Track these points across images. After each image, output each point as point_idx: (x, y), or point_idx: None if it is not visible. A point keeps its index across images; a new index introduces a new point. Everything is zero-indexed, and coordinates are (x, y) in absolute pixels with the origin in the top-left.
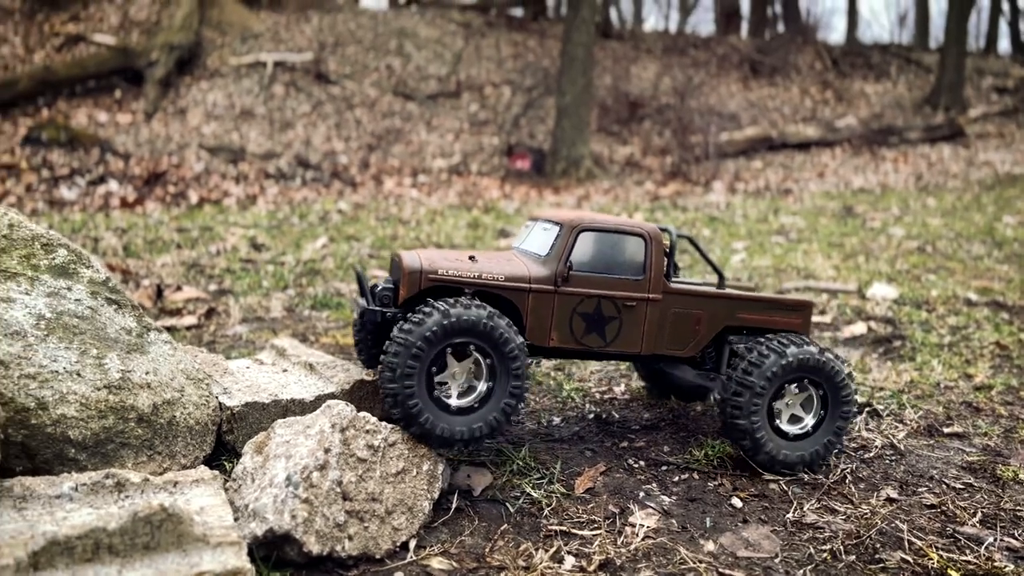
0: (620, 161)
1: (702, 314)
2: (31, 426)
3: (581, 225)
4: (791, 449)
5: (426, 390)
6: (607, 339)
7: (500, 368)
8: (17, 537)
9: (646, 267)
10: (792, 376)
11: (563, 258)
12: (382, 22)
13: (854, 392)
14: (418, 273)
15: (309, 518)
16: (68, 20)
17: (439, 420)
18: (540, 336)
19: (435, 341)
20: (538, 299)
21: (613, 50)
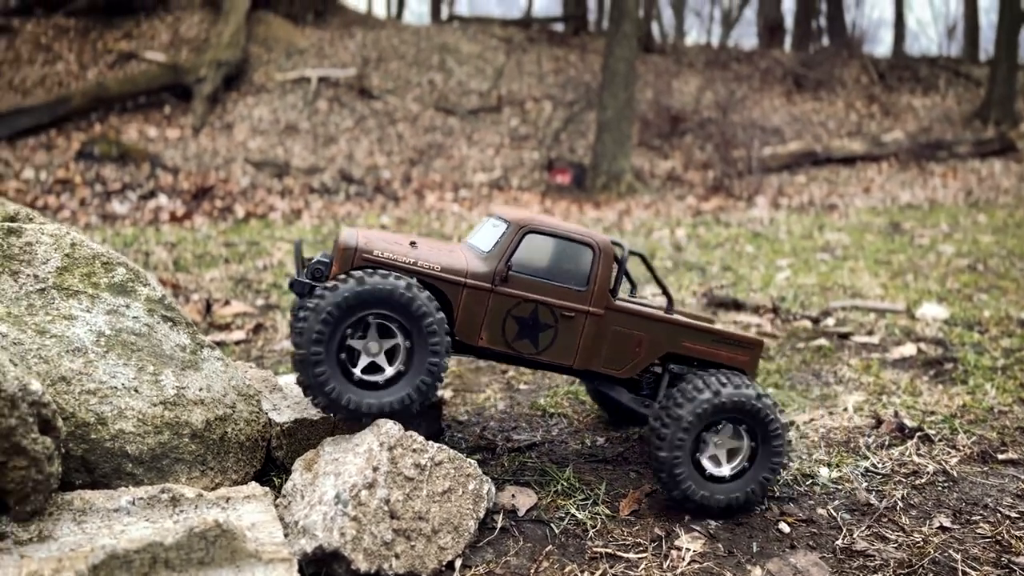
0: (661, 175)
1: (644, 337)
2: (91, 440)
3: (528, 226)
4: (710, 491)
5: (336, 360)
6: (539, 347)
7: (418, 344)
8: (77, 550)
9: (590, 279)
10: (724, 416)
11: (504, 257)
12: (424, 37)
13: (787, 443)
14: (352, 250)
15: (358, 536)
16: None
17: (346, 391)
18: (469, 333)
19: (347, 308)
20: (472, 295)
21: (655, 64)
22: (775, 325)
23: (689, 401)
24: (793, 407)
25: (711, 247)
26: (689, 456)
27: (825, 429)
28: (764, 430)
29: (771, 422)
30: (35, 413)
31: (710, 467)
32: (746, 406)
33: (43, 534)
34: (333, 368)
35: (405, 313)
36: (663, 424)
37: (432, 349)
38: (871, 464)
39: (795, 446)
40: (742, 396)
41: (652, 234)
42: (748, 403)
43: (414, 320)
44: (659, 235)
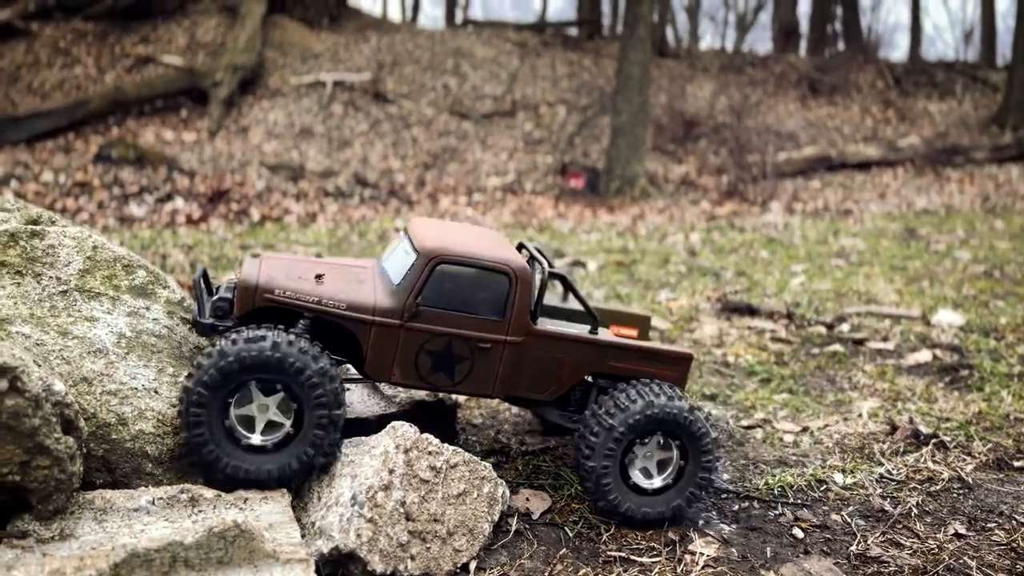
0: (675, 180)
1: (566, 359)
2: (111, 441)
3: (439, 257)
4: (636, 503)
5: (223, 433)
6: (455, 379)
7: (303, 398)
8: (98, 549)
9: (507, 307)
10: (655, 428)
11: (414, 292)
12: (439, 42)
13: (716, 459)
14: (252, 290)
15: (373, 537)
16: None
17: (243, 462)
18: (381, 371)
19: (217, 386)
20: (381, 333)
21: (669, 69)
22: (789, 331)
23: (621, 411)
24: (807, 413)
25: (725, 252)
26: (617, 467)
27: (839, 435)
28: (694, 444)
29: (702, 436)
30: (58, 413)
31: (638, 479)
32: (678, 419)
33: (65, 533)
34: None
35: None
36: (593, 433)
37: (317, 401)
38: (886, 470)
39: (808, 452)
40: (674, 408)
41: (666, 239)
42: (680, 416)
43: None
44: (673, 240)
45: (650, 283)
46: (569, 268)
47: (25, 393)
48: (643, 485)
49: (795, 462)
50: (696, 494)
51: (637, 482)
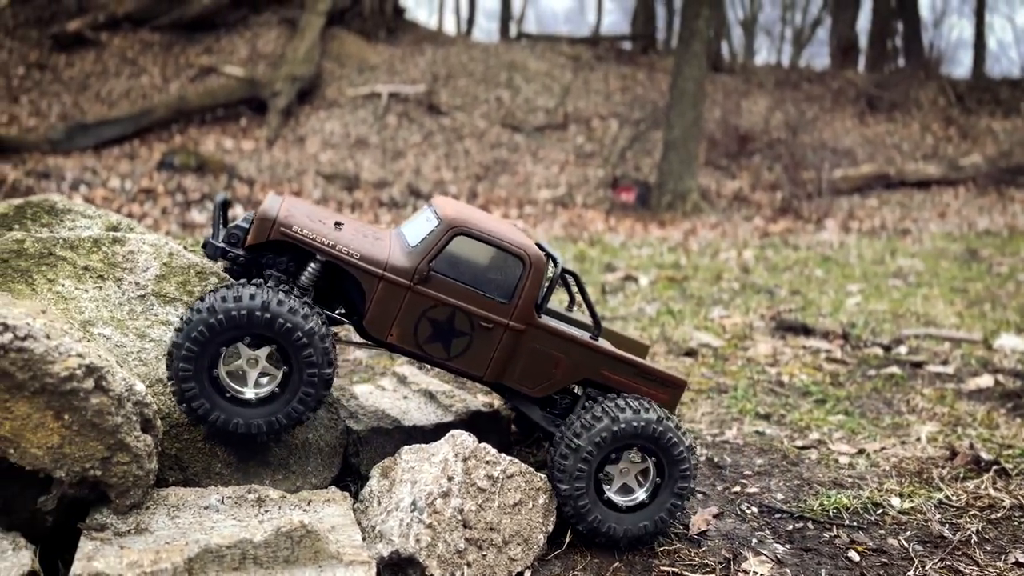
0: (728, 195)
1: (562, 359)
2: (184, 440)
3: (460, 228)
4: (618, 522)
5: (212, 388)
6: (451, 353)
7: (293, 356)
8: (172, 543)
9: (516, 292)
10: (625, 443)
11: (428, 256)
12: (493, 55)
13: (693, 468)
14: (270, 222)
15: (432, 543)
16: (202, 53)
17: (233, 416)
18: (379, 328)
19: (207, 341)
20: (388, 290)
21: (723, 84)
22: (845, 351)
23: (587, 430)
24: (864, 435)
25: (779, 270)
26: (592, 487)
27: (897, 458)
28: (668, 455)
29: (674, 446)
30: (138, 412)
31: (616, 497)
32: (646, 431)
33: (140, 527)
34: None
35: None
36: (562, 456)
37: (306, 360)
38: (945, 496)
39: (865, 474)
40: (641, 421)
41: (718, 255)
42: (648, 428)
43: (281, 336)
44: (726, 256)
45: (702, 299)
46: (621, 282)
47: (109, 392)
48: (622, 503)
49: (851, 484)
50: (677, 504)
51: (615, 500)
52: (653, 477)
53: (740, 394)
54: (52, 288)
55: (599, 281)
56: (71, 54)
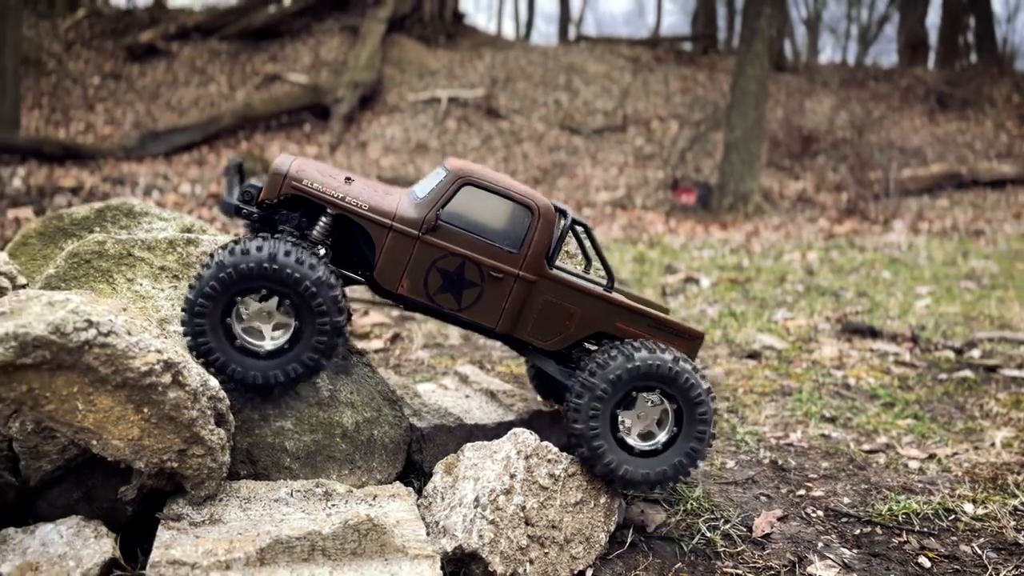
0: (791, 197)
1: (576, 311)
2: (255, 435)
3: (467, 177)
4: (635, 465)
5: (227, 341)
6: (461, 304)
7: (303, 307)
8: (245, 534)
9: (525, 242)
10: (640, 384)
11: (436, 205)
12: (551, 58)
13: (712, 411)
14: (282, 177)
15: (495, 539)
16: (267, 61)
17: (250, 368)
18: (390, 279)
19: (219, 295)
20: (397, 240)
21: (786, 83)
22: (914, 354)
23: (602, 368)
24: (934, 439)
25: (845, 272)
26: (608, 428)
27: (970, 464)
28: (685, 397)
29: (691, 387)
30: (213, 407)
31: (632, 440)
32: (662, 371)
33: (214, 517)
34: (227, 350)
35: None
36: (577, 395)
37: (318, 310)
38: (1021, 502)
39: (936, 479)
40: (657, 360)
41: (782, 257)
42: (664, 368)
43: (289, 286)
44: (790, 258)
45: (765, 301)
46: (682, 284)
47: (186, 387)
48: (639, 447)
49: (921, 489)
50: (696, 450)
51: (632, 444)
52: (671, 421)
53: (805, 397)
54: (131, 287)
55: (659, 283)
56: (143, 64)
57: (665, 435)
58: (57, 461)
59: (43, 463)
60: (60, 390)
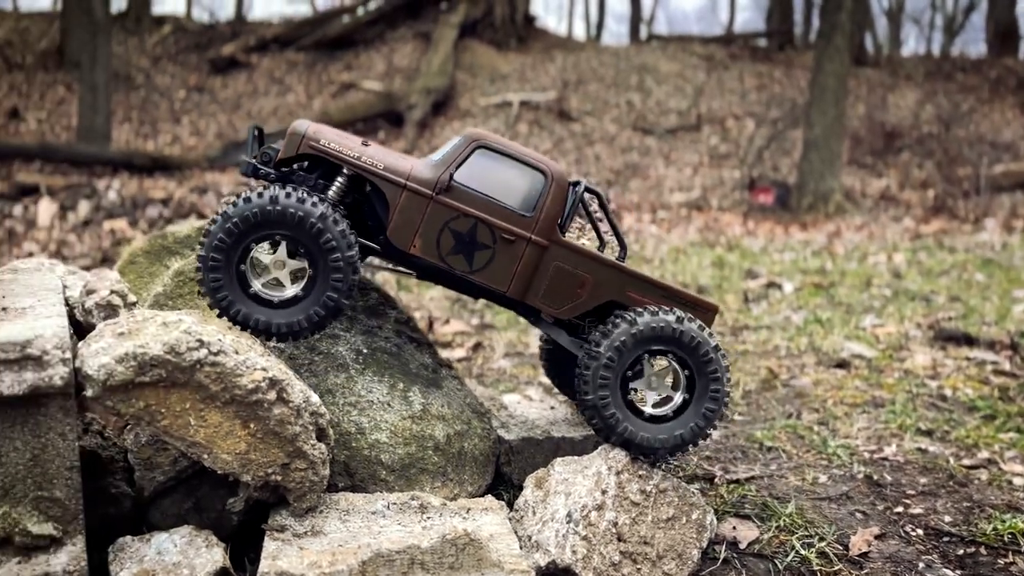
0: (874, 195)
1: (588, 278)
2: (351, 448)
3: (481, 140)
4: (650, 431)
5: (244, 292)
6: (473, 266)
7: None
8: (346, 546)
9: (538, 206)
10: (646, 348)
11: (451, 166)
12: (623, 58)
13: (724, 369)
14: (300, 136)
15: (588, 555)
16: (342, 69)
17: (253, 312)
18: (403, 238)
19: (230, 246)
20: (411, 199)
21: (868, 77)
22: (1015, 363)
23: (606, 337)
24: None
25: (935, 275)
26: (619, 395)
27: None
28: (694, 357)
29: (699, 346)
30: (314, 422)
31: (645, 407)
32: (666, 332)
33: (315, 529)
34: (238, 295)
35: (285, 226)
36: (585, 366)
37: (333, 264)
38: None
39: None
40: (661, 323)
41: (867, 259)
42: (668, 329)
43: (300, 230)
44: (874, 260)
45: (852, 307)
46: (764, 289)
47: (289, 403)
48: (653, 412)
49: None
50: (712, 410)
51: (645, 410)
52: (683, 383)
53: (899, 409)
54: None
55: (740, 288)
56: (225, 76)
57: (679, 398)
58: (169, 472)
59: (156, 474)
60: (174, 406)
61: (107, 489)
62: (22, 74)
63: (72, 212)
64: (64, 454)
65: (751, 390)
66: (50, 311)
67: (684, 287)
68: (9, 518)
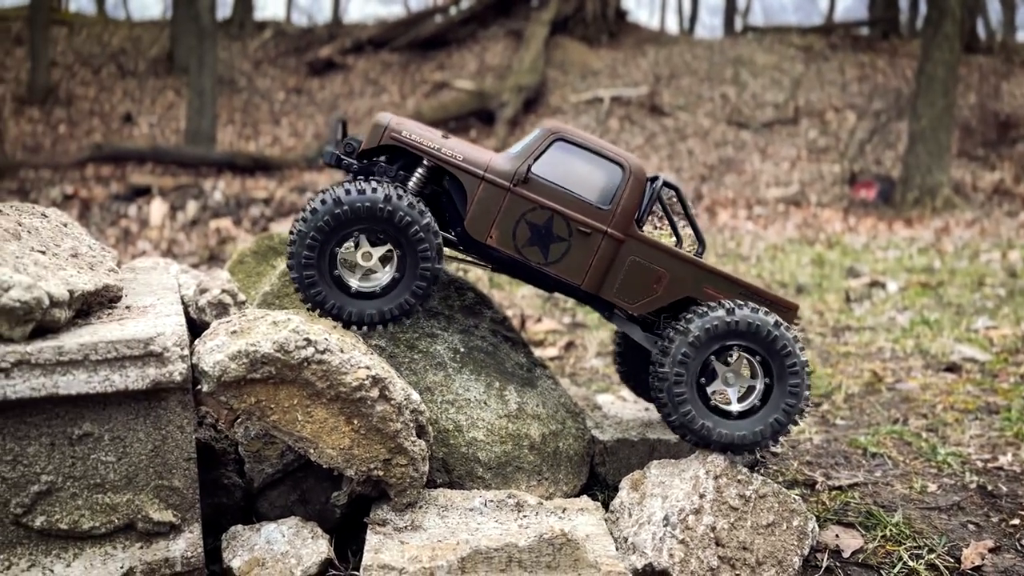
0: (986, 189)
1: (664, 273)
2: (450, 445)
3: (559, 133)
4: (713, 423)
5: (329, 276)
6: (548, 258)
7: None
8: (445, 542)
9: (615, 199)
10: (722, 343)
11: (529, 159)
12: (718, 51)
13: (804, 363)
14: (382, 128)
15: (685, 559)
16: (435, 69)
17: (347, 304)
18: (480, 229)
19: (332, 230)
20: (489, 191)
21: (979, 65)
22: None
23: (700, 317)
24: None
25: None
26: (694, 378)
27: None
28: (780, 364)
29: (788, 355)
30: (414, 419)
31: (717, 399)
32: (761, 332)
33: (415, 523)
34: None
35: (389, 224)
36: (669, 339)
37: (422, 255)
38: None
39: None
40: (759, 320)
41: (978, 257)
42: (764, 329)
43: (399, 230)
44: (987, 258)
45: (962, 308)
46: (867, 288)
47: (391, 400)
48: (722, 406)
49: None
50: (781, 422)
51: (716, 402)
52: (761, 387)
53: (1015, 415)
54: None
55: (841, 287)
56: (322, 78)
57: (753, 400)
58: (276, 465)
59: (265, 466)
60: (283, 402)
61: (220, 480)
62: (135, 80)
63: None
64: (182, 446)
65: (854, 393)
66: (169, 309)
67: (783, 286)
68: (132, 505)
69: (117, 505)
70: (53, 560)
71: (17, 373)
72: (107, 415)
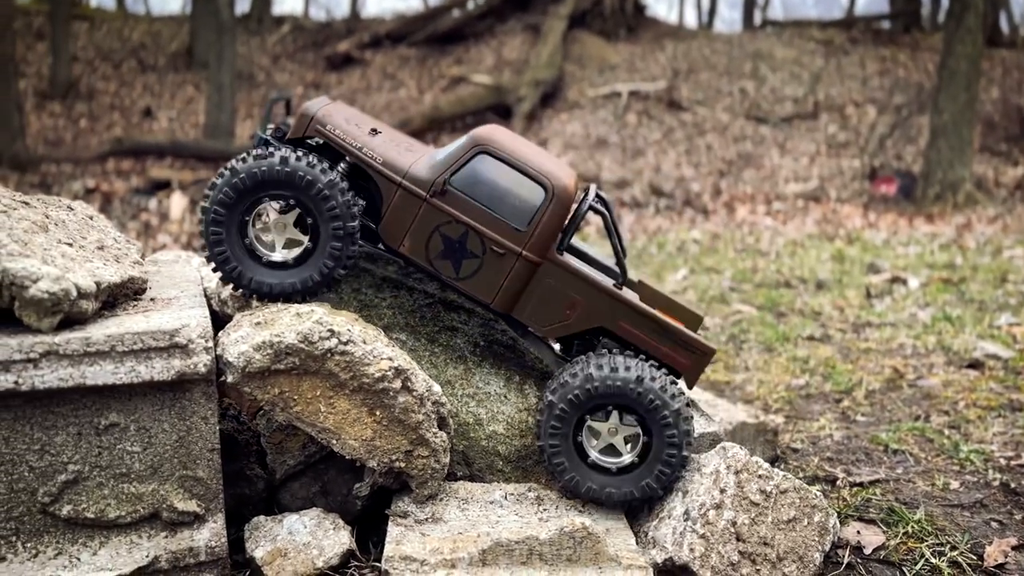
0: (1009, 184)
1: (579, 301)
2: (470, 438)
3: (484, 145)
4: (598, 484)
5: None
6: (459, 273)
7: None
8: (466, 534)
9: (533, 221)
10: (603, 403)
11: (449, 170)
12: (736, 45)
13: (686, 433)
14: (308, 118)
15: (706, 553)
16: (452, 64)
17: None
18: (393, 235)
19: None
20: (405, 198)
21: (1003, 59)
22: None
23: (562, 387)
24: None
25: None
26: (570, 445)
27: None
28: (652, 418)
29: (656, 409)
30: (436, 411)
31: (598, 458)
32: (623, 391)
33: (436, 516)
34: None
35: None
36: (539, 411)
37: (334, 223)
38: None
39: None
40: (617, 380)
41: (1001, 253)
42: (625, 388)
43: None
44: (1010, 254)
45: (985, 304)
46: (888, 285)
47: (413, 392)
48: (604, 464)
49: None
50: (665, 472)
51: (597, 461)
52: (641, 440)
53: None
54: (356, 296)
55: (861, 283)
56: (340, 73)
57: (634, 454)
58: (298, 456)
59: (286, 458)
60: (306, 393)
61: (243, 471)
62: (155, 75)
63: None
64: (207, 436)
65: (874, 390)
66: (193, 302)
67: (803, 282)
68: (158, 494)
69: (142, 495)
70: (80, 548)
71: (45, 363)
72: (133, 406)
